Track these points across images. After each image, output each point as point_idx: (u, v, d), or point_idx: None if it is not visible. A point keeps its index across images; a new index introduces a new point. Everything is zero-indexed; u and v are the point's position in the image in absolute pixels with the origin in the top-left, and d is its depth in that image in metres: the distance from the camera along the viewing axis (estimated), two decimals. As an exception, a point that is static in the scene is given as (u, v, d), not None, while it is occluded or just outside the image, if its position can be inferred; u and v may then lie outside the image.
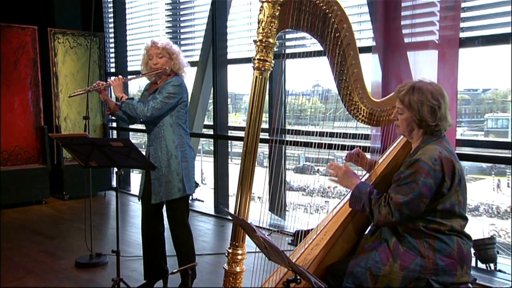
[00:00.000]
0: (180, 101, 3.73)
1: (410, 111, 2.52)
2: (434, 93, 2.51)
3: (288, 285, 2.14)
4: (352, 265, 2.55)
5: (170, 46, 3.76)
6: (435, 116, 2.50)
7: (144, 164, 3.34)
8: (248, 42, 6.21)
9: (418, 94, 2.50)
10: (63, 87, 7.32)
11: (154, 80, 3.87)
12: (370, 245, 2.61)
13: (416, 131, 2.58)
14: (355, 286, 2.50)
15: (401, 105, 2.56)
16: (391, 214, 2.41)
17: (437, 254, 2.44)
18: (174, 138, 3.74)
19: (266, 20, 2.71)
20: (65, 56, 7.34)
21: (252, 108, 2.76)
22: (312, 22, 2.77)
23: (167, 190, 3.72)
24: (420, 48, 4.20)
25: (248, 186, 2.81)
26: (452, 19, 4.03)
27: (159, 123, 3.73)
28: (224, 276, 2.91)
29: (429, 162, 2.39)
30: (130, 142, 3.24)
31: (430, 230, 2.47)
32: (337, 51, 2.78)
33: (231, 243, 2.89)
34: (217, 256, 4.87)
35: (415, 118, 2.51)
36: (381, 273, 2.46)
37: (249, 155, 2.79)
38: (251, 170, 2.81)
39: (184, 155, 3.76)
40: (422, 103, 2.48)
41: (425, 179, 2.38)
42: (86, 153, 3.40)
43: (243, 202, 2.82)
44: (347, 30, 2.76)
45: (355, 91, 2.82)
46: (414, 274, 2.43)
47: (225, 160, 6.63)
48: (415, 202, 2.39)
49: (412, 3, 4.20)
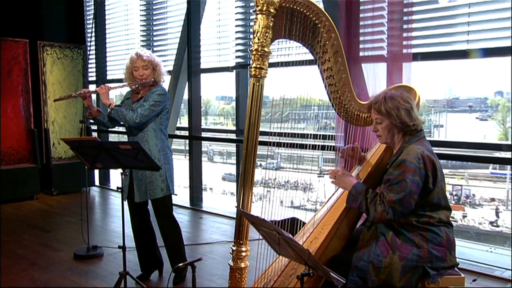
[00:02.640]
0: (163, 108, 3.47)
1: (389, 118, 2.37)
2: (404, 97, 2.39)
3: (302, 279, 2.01)
4: (356, 259, 2.36)
5: (153, 58, 3.50)
6: (411, 116, 2.37)
7: (149, 165, 3.02)
8: (217, 54, 5.97)
9: (391, 101, 2.36)
10: (51, 93, 6.86)
11: (136, 89, 3.57)
12: (369, 239, 2.42)
13: (397, 136, 2.43)
14: (359, 278, 2.32)
15: (379, 115, 2.40)
16: (385, 212, 2.25)
17: (430, 244, 2.31)
18: (157, 142, 3.47)
19: (261, 30, 2.43)
20: (53, 66, 6.89)
21: (250, 113, 2.48)
22: (303, 32, 2.52)
23: (150, 190, 3.46)
24: (372, 61, 4.04)
25: (249, 185, 2.53)
26: (398, 37, 3.92)
27: (144, 129, 3.45)
28: (229, 272, 2.63)
29: (414, 161, 2.25)
30: (138, 144, 2.90)
31: (422, 223, 2.33)
32: (326, 58, 2.55)
33: (235, 241, 2.60)
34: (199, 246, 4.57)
35: (396, 123, 2.36)
36: (383, 264, 2.29)
37: (249, 157, 2.52)
38: (252, 171, 2.54)
39: (166, 158, 3.51)
40: (398, 108, 2.34)
41: (413, 177, 2.23)
42: (93, 155, 3.04)
43: (245, 200, 2.54)
44: (335, 39, 2.52)
45: (343, 95, 2.58)
46: (412, 263, 2.29)
47: (198, 159, 6.32)
48: (407, 199, 2.23)
49: (364, 23, 4.06)
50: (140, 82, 3.46)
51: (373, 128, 2.48)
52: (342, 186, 2.51)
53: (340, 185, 2.52)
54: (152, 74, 3.48)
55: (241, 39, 5.59)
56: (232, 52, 5.73)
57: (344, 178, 2.48)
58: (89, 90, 3.45)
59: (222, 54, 5.92)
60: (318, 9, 2.49)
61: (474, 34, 3.81)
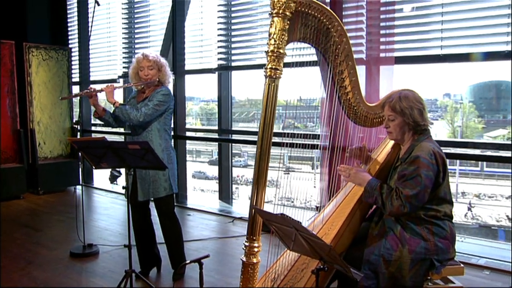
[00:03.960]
0: (167, 108, 3.28)
1: (402, 117, 2.30)
2: (417, 98, 2.33)
3: (317, 273, 1.96)
4: (367, 253, 2.28)
5: (159, 59, 3.31)
6: (423, 116, 2.31)
7: (156, 164, 2.81)
8: (200, 56, 5.78)
9: (406, 101, 2.29)
10: (37, 94, 6.44)
11: (142, 89, 3.37)
12: (377, 234, 2.33)
13: (407, 134, 2.35)
14: (371, 271, 2.25)
15: (393, 113, 2.32)
16: (402, 206, 2.18)
17: (436, 237, 2.26)
18: (161, 142, 3.28)
19: (278, 33, 2.28)
20: (38, 67, 6.46)
21: (266, 113, 2.33)
22: (317, 36, 2.40)
23: (153, 189, 3.26)
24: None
25: (263, 184, 2.38)
26: (377, 41, 3.87)
27: (148, 128, 3.26)
28: (242, 267, 2.47)
29: (427, 157, 2.19)
30: (148, 145, 2.69)
31: (429, 217, 2.27)
32: (338, 62, 2.43)
33: (248, 237, 2.45)
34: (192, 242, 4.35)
35: (409, 121, 2.29)
36: (393, 258, 2.22)
37: (263, 156, 2.36)
38: (266, 170, 2.39)
39: (169, 157, 3.31)
40: (412, 108, 2.28)
41: (427, 172, 2.18)
42: (100, 155, 2.81)
43: (259, 198, 2.39)
44: (346, 43, 2.41)
45: (353, 97, 2.48)
46: (420, 256, 2.22)
47: (183, 157, 6.10)
48: (422, 194, 2.18)
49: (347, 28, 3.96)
50: (145, 82, 3.26)
51: (384, 125, 2.40)
52: (356, 182, 2.42)
53: (354, 181, 2.43)
54: (158, 75, 3.29)
55: (223, 42, 5.45)
56: (214, 54, 5.56)
57: (358, 175, 2.39)
58: (95, 89, 3.22)
59: (205, 56, 5.74)
60: (331, 14, 2.38)
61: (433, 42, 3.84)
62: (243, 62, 5.40)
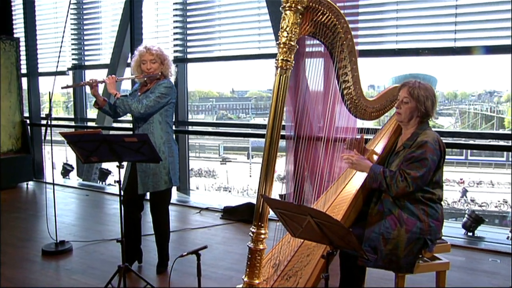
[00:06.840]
0: (169, 101, 3.18)
1: (417, 102, 2.39)
2: (433, 91, 2.45)
3: (328, 257, 1.99)
4: (368, 232, 2.39)
5: (162, 52, 3.19)
6: (433, 108, 2.43)
7: (151, 157, 2.69)
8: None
9: (424, 90, 2.39)
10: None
11: (144, 82, 3.24)
12: (376, 213, 2.44)
13: (414, 120, 2.45)
14: (371, 248, 2.36)
15: (409, 96, 2.41)
16: (408, 186, 2.30)
17: (430, 218, 2.39)
18: (162, 135, 3.17)
19: (290, 25, 2.28)
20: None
21: (276, 103, 2.34)
22: (325, 32, 2.43)
23: (154, 182, 3.15)
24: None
25: (272, 173, 2.38)
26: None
27: (149, 120, 3.15)
28: (248, 253, 2.45)
29: (433, 142, 2.34)
30: (146, 137, 2.57)
31: (426, 199, 2.40)
32: (342, 57, 2.49)
33: (255, 224, 2.43)
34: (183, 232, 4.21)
35: (421, 108, 2.39)
36: (391, 236, 2.34)
37: (273, 145, 2.36)
38: (274, 159, 2.39)
39: (170, 150, 3.20)
40: (427, 98, 2.39)
41: (433, 156, 2.32)
42: (91, 149, 2.63)
43: (267, 186, 2.39)
44: (350, 39, 2.47)
45: (355, 91, 2.55)
46: (415, 235, 2.35)
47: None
48: (426, 175, 2.32)
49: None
50: (148, 75, 3.14)
51: (396, 105, 2.47)
52: (359, 169, 2.50)
53: (357, 168, 2.50)
54: (160, 68, 3.18)
55: (179, 34, 5.43)
56: (170, 46, 5.49)
57: (360, 162, 2.47)
58: (96, 80, 3.06)
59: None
60: (338, 10, 2.42)
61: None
62: (199, 54, 5.49)
